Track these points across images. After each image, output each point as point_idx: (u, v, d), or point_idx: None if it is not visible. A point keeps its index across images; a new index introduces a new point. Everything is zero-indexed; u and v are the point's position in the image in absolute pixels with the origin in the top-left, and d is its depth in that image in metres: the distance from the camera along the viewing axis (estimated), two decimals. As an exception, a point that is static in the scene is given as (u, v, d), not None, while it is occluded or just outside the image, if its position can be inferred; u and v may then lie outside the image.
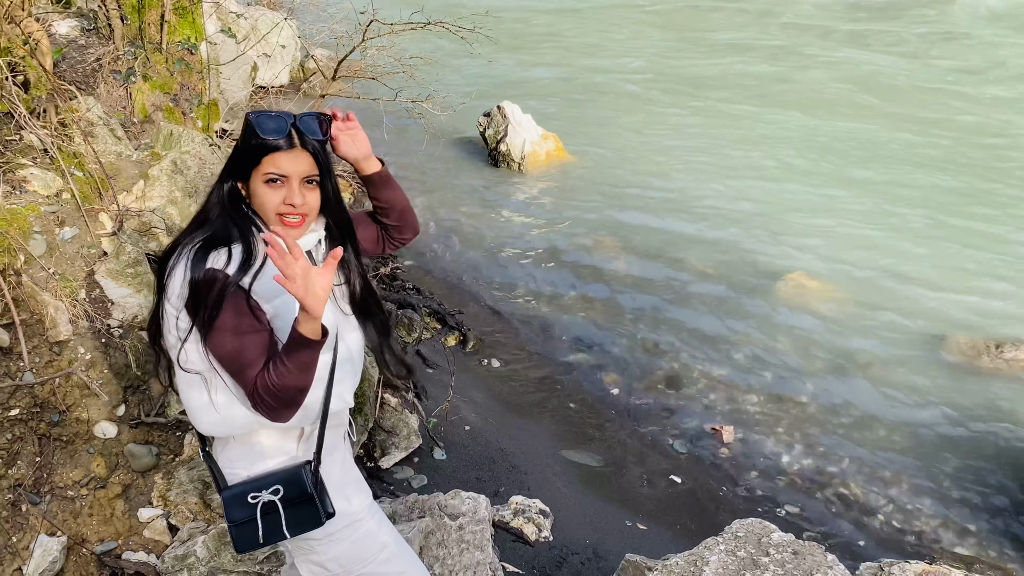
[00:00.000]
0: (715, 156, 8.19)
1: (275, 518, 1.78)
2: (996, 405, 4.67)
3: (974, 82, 10.10)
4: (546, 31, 13.08)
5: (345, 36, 4.36)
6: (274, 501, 1.78)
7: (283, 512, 1.79)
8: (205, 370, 1.76)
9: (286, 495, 1.79)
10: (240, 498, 1.79)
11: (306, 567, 1.94)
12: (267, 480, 1.80)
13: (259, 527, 1.77)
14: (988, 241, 6.43)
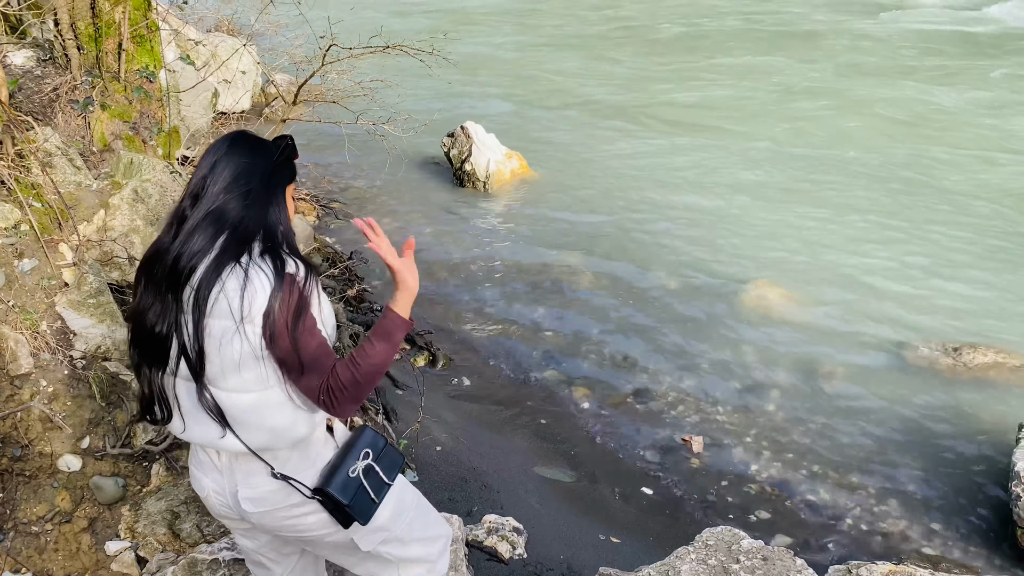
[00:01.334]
0: (676, 171, 8.31)
1: (374, 476, 1.94)
2: (957, 407, 4.77)
3: (924, 91, 10.37)
4: (506, 52, 13.20)
5: (305, 61, 4.38)
6: (370, 463, 1.93)
7: (378, 467, 1.95)
8: (279, 382, 1.79)
9: (374, 454, 1.96)
10: (342, 481, 1.89)
11: (368, 539, 2.02)
12: (348, 459, 1.92)
13: (368, 490, 1.91)
14: (945, 248, 6.58)
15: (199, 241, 1.75)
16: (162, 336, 1.78)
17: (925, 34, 12.86)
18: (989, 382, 4.96)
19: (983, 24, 13.21)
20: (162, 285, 1.77)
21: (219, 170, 1.80)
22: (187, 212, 1.79)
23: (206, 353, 1.75)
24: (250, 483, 1.88)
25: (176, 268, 1.74)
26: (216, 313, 1.73)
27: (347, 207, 7.67)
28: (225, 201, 1.78)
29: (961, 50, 12.06)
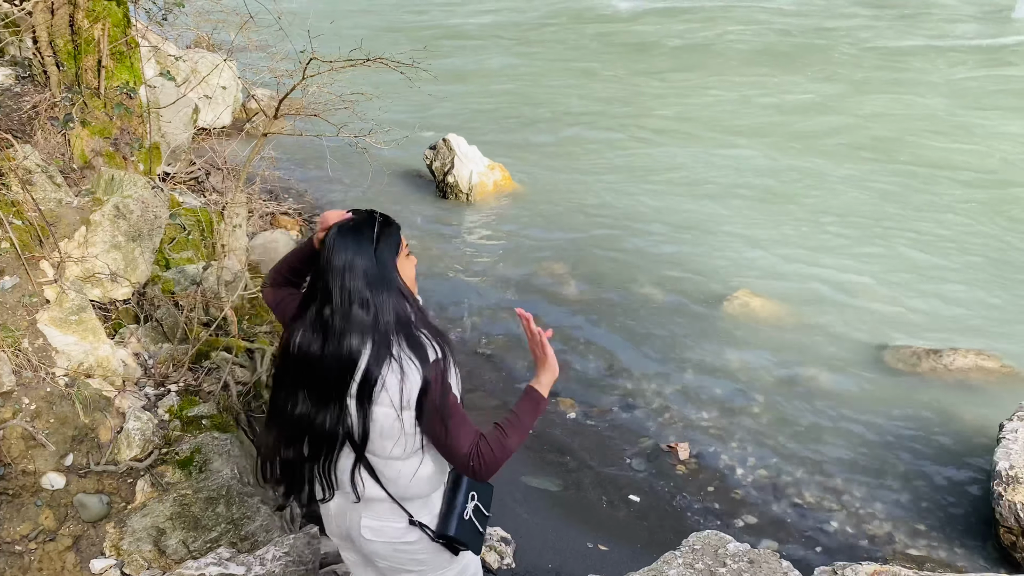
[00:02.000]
0: (659, 182, 8.36)
1: (479, 513, 2.26)
2: (938, 409, 4.82)
3: (903, 99, 10.51)
4: (486, 67, 13.26)
5: (285, 75, 4.39)
6: (476, 504, 2.26)
7: (481, 505, 2.27)
8: (420, 451, 2.08)
9: (478, 495, 2.28)
10: (462, 523, 2.21)
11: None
12: (459, 505, 2.22)
13: (476, 524, 2.24)
14: (923, 255, 6.65)
15: (352, 343, 1.98)
16: (332, 434, 2.04)
17: (919, 48, 13.04)
18: (969, 384, 5.02)
19: (988, 37, 13.42)
20: (327, 392, 2.01)
21: (338, 271, 2.01)
22: (327, 316, 2.00)
23: (370, 436, 2.04)
24: (377, 516, 2.16)
25: (340, 376, 1.99)
26: (380, 402, 2.00)
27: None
28: (353, 306, 1.99)
29: (952, 61, 12.24)
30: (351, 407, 2.00)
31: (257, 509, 3.38)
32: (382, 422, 2.01)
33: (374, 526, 2.16)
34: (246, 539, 3.30)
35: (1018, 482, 3.83)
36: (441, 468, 2.17)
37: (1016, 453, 3.97)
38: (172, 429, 3.44)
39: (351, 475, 2.09)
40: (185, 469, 3.31)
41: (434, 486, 2.17)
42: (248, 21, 5.21)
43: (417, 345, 2.00)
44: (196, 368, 3.82)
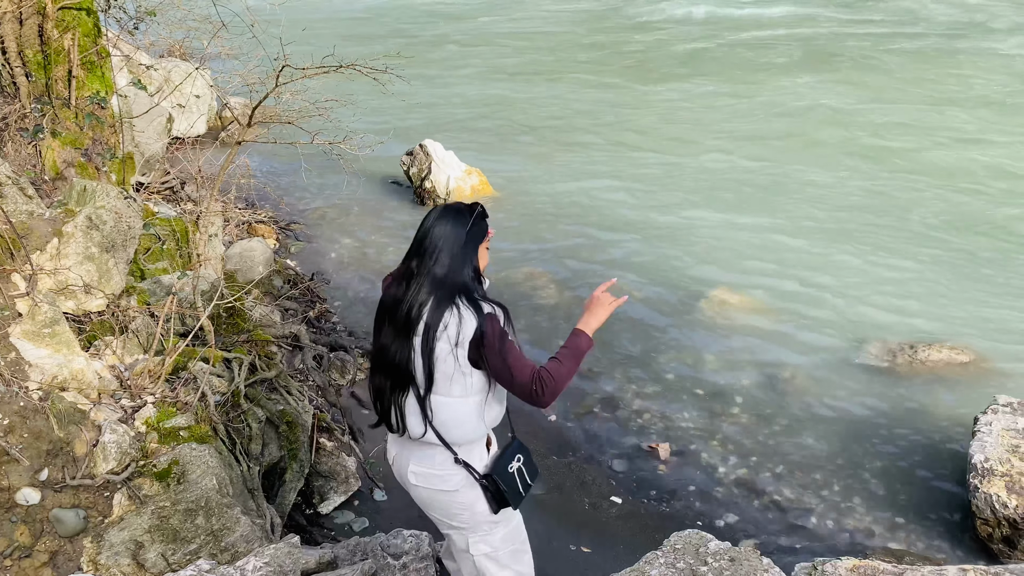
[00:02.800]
0: (635, 186, 8.40)
1: (522, 476, 2.63)
2: (914, 403, 4.87)
3: (876, 106, 10.63)
4: (461, 71, 13.27)
5: (258, 82, 4.37)
6: (521, 466, 2.62)
7: (525, 470, 2.64)
8: (483, 389, 2.50)
9: (523, 460, 2.65)
10: (506, 473, 2.58)
11: (480, 547, 2.65)
12: (506, 457, 2.61)
13: (518, 481, 2.61)
14: (895, 252, 6.73)
15: (423, 294, 2.45)
16: (402, 364, 2.47)
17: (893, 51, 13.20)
18: (944, 378, 5.08)
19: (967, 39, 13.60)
20: (401, 328, 2.46)
21: (433, 238, 2.49)
22: (414, 269, 2.48)
23: (434, 375, 2.44)
24: (421, 462, 2.56)
25: (410, 315, 2.45)
26: (440, 340, 2.41)
27: (307, 228, 7.63)
28: (439, 262, 2.47)
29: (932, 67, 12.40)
30: (416, 345, 2.43)
31: (237, 520, 3.35)
32: (442, 359, 2.42)
33: (419, 471, 2.57)
34: (226, 550, 3.27)
35: (993, 474, 3.88)
36: (489, 417, 2.55)
37: (991, 446, 4.02)
38: (149, 441, 3.41)
39: (417, 412, 2.49)
40: (163, 481, 3.27)
41: (479, 434, 2.55)
42: (220, 29, 5.17)
43: (475, 303, 2.45)
44: (173, 379, 3.78)
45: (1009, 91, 10.67)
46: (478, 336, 2.40)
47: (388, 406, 2.55)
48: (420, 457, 2.57)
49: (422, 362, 2.44)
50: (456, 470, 2.54)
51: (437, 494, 2.59)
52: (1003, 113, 9.86)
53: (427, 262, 2.47)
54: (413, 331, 2.44)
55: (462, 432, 2.52)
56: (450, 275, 2.47)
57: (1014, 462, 3.94)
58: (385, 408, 2.57)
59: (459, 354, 2.42)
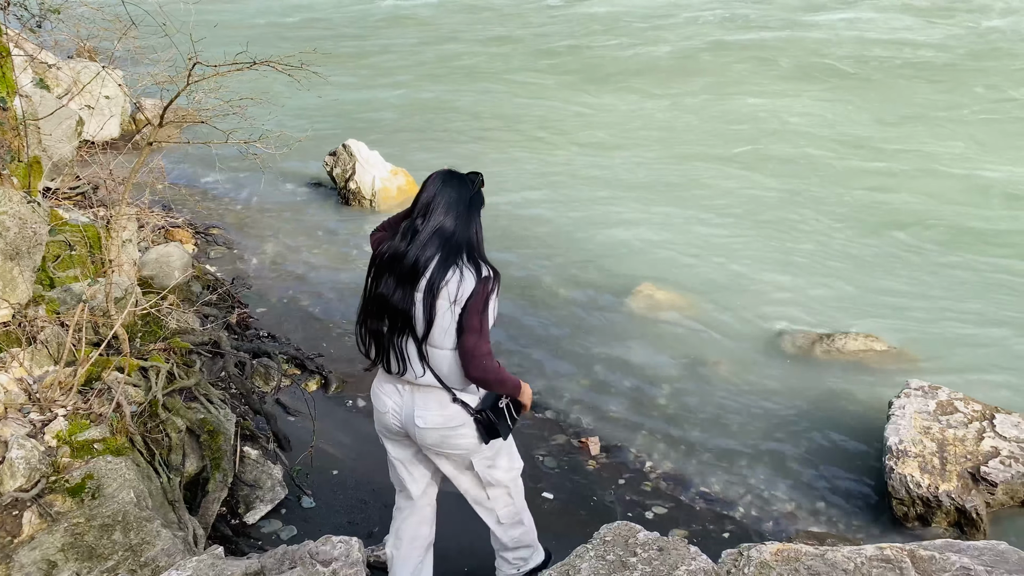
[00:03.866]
0: (560, 182, 8.46)
1: (509, 411, 2.92)
2: (832, 390, 5.03)
3: (801, 103, 10.96)
4: (380, 69, 13.15)
5: (168, 81, 4.22)
6: (508, 402, 2.92)
7: (512, 406, 2.94)
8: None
9: (508, 400, 2.93)
10: (497, 408, 2.88)
11: (481, 462, 3.00)
12: (494, 396, 2.90)
13: (507, 415, 2.91)
14: (811, 246, 6.94)
15: (429, 250, 2.70)
16: (404, 311, 2.72)
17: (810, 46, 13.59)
18: (860, 365, 5.26)
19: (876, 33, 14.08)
20: (404, 278, 2.71)
21: (438, 198, 2.74)
22: (419, 226, 2.72)
23: (433, 322, 2.70)
24: (425, 407, 2.86)
25: (415, 268, 2.69)
26: (441, 296, 2.68)
27: (228, 232, 7.44)
28: (444, 222, 2.72)
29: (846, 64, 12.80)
30: (418, 299, 2.69)
31: (157, 533, 3.24)
32: (440, 314, 2.69)
33: (425, 416, 2.85)
34: (146, 565, 3.15)
35: (907, 455, 4.04)
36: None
37: (904, 428, 4.18)
38: (61, 455, 3.26)
39: (416, 356, 2.77)
40: (76, 496, 3.14)
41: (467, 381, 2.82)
42: (130, 27, 4.99)
43: (476, 264, 2.73)
44: (86, 390, 3.63)
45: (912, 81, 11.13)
46: (472, 295, 2.68)
47: (387, 349, 2.80)
48: (424, 401, 2.86)
49: (423, 314, 2.70)
50: (456, 408, 2.86)
51: (443, 431, 2.88)
52: (915, 115, 10.28)
53: (434, 220, 2.72)
54: (416, 283, 2.70)
55: (456, 379, 2.81)
56: (457, 233, 2.73)
57: (926, 443, 4.10)
58: (383, 350, 2.82)
59: (455, 311, 2.69)
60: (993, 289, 6.16)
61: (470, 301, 2.68)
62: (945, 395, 4.43)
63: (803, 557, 2.64)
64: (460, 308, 2.68)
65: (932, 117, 9.97)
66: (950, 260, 6.64)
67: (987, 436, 4.13)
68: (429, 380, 2.81)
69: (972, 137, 9.23)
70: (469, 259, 2.73)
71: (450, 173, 2.83)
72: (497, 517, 3.22)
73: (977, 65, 11.76)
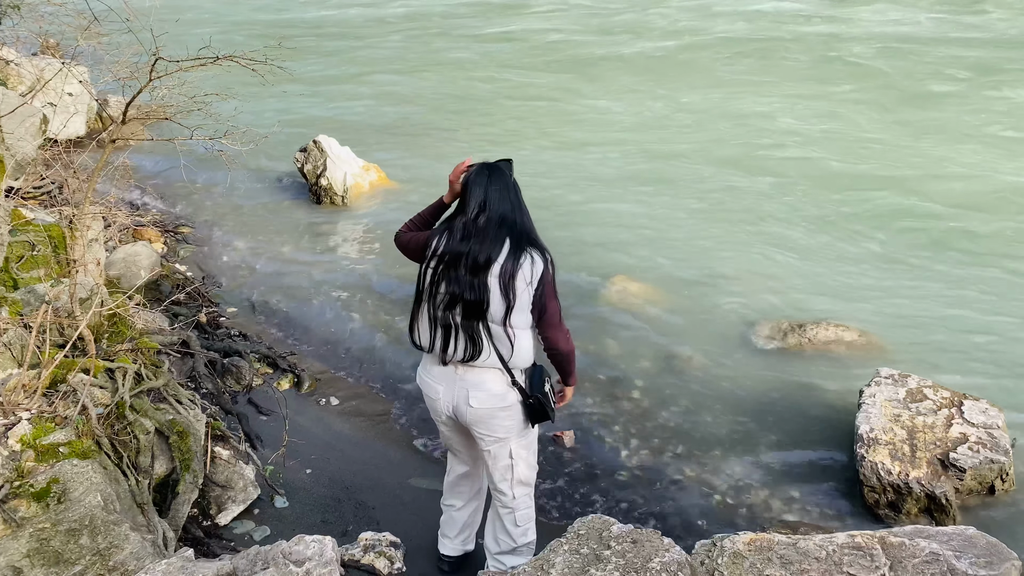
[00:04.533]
0: (535, 176, 8.43)
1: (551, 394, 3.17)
2: (805, 379, 5.06)
3: (770, 88, 11.02)
4: (348, 62, 13.06)
5: (130, 77, 4.15)
6: (551, 385, 3.17)
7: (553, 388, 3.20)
8: (532, 323, 3.03)
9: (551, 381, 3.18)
10: (543, 391, 3.09)
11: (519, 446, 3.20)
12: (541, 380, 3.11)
13: (551, 399, 3.14)
14: (781, 238, 6.98)
15: (498, 242, 2.93)
16: (478, 300, 2.93)
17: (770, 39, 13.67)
18: (831, 355, 5.30)
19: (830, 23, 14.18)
20: (476, 270, 2.92)
21: (491, 193, 2.98)
22: (481, 222, 2.94)
23: (513, 306, 2.93)
24: (480, 387, 3.05)
25: (488, 260, 2.92)
26: (519, 279, 2.92)
27: (198, 230, 7.35)
28: (504, 213, 2.97)
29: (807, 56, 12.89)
30: (493, 285, 2.92)
31: (126, 537, 3.18)
32: (519, 293, 2.92)
33: (480, 396, 3.05)
34: (115, 569, 3.10)
35: (878, 443, 4.07)
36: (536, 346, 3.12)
37: (875, 416, 4.22)
38: (25, 460, 3.19)
39: (487, 339, 2.98)
40: (41, 501, 3.07)
41: (531, 359, 3.08)
42: (92, 23, 4.89)
43: (540, 247, 3.00)
44: (51, 393, 3.56)
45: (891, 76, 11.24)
46: (543, 276, 2.95)
47: (456, 336, 2.99)
48: (478, 383, 3.05)
49: (501, 299, 2.91)
50: (511, 390, 3.07)
51: (494, 411, 3.07)
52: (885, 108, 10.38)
53: (493, 215, 2.95)
54: (488, 273, 2.91)
55: (526, 357, 3.06)
56: (518, 222, 2.99)
57: (896, 431, 4.14)
58: (451, 339, 3.01)
59: (531, 292, 2.94)
60: (963, 281, 6.24)
61: (543, 281, 2.95)
62: (915, 383, 4.48)
63: (775, 546, 2.66)
64: (534, 289, 2.93)
65: (918, 115, 10.09)
66: (922, 254, 6.68)
67: (956, 423, 4.19)
68: (493, 362, 3.02)
69: (973, 137, 9.33)
70: (532, 244, 2.98)
71: (489, 166, 3.07)
72: (515, 519, 3.37)
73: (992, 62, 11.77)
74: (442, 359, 3.08)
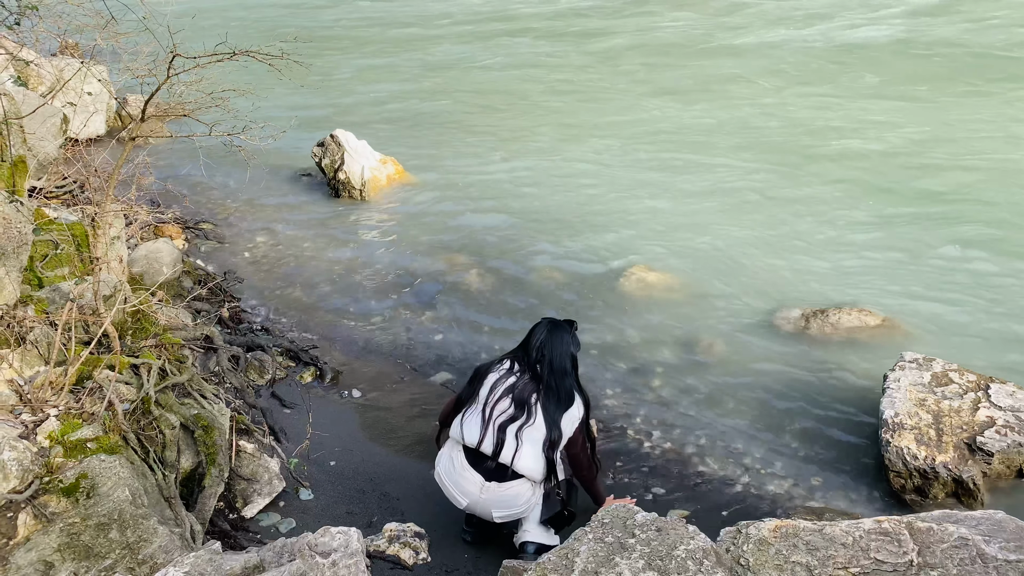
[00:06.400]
0: (550, 169, 8.42)
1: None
2: (828, 365, 5.02)
3: (789, 75, 10.91)
4: (364, 58, 13.07)
5: (148, 75, 4.18)
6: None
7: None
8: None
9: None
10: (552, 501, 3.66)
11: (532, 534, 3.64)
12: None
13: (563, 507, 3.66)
14: (801, 224, 6.91)
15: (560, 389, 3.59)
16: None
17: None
18: (855, 340, 5.25)
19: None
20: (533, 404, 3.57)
21: (551, 349, 3.67)
22: (539, 373, 3.62)
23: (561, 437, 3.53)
24: (502, 508, 3.55)
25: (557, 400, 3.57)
26: (567, 419, 3.53)
27: (219, 226, 7.40)
28: (563, 368, 3.65)
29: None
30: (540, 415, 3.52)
31: (154, 530, 3.22)
32: (565, 430, 3.52)
33: (501, 515, 3.55)
34: (144, 563, 3.14)
35: (903, 428, 4.04)
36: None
37: (900, 401, 4.18)
38: (54, 456, 3.24)
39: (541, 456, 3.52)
40: (71, 496, 3.12)
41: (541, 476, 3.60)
42: (110, 22, 4.92)
43: (583, 396, 3.65)
44: (77, 389, 3.61)
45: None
46: (582, 422, 3.59)
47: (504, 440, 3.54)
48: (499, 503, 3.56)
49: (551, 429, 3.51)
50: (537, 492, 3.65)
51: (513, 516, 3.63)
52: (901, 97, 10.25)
53: (553, 365, 3.60)
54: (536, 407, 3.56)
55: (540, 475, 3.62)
56: (568, 375, 3.62)
57: (921, 415, 4.10)
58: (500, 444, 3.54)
59: (571, 430, 3.54)
60: (988, 266, 6.14)
61: (577, 430, 3.57)
62: (940, 366, 4.43)
63: (801, 533, 2.64)
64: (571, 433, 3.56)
65: (939, 101, 9.95)
66: (946, 236, 6.58)
67: (983, 406, 4.14)
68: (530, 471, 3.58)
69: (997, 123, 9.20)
70: (580, 393, 3.66)
71: (554, 323, 3.76)
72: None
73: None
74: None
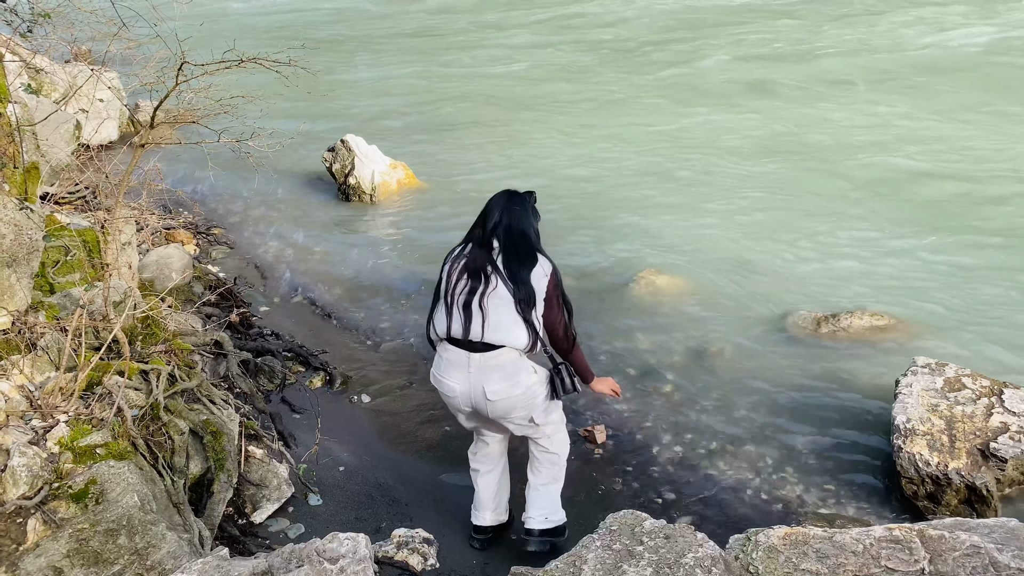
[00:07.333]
0: (557, 171, 8.41)
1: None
2: (839, 370, 4.99)
3: (803, 76, 10.88)
4: (375, 64, 13.11)
5: (156, 83, 4.19)
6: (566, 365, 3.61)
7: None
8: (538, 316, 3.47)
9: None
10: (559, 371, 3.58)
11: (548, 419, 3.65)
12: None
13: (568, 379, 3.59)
14: (811, 227, 6.88)
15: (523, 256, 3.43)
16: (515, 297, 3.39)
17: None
18: (866, 344, 5.21)
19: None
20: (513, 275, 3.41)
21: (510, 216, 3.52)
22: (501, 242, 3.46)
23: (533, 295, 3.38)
24: (494, 380, 3.40)
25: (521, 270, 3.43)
26: (535, 276, 3.39)
27: (230, 232, 7.42)
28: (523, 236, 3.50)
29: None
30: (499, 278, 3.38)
31: (163, 536, 3.23)
32: (536, 285, 3.37)
33: (494, 389, 3.41)
34: (153, 568, 3.15)
35: (915, 434, 4.00)
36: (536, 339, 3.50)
37: (912, 406, 4.14)
38: (63, 461, 3.25)
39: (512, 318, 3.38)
40: (80, 502, 3.13)
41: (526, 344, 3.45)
42: (121, 29, 4.96)
43: (546, 256, 3.50)
44: (87, 395, 3.62)
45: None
46: (552, 276, 3.44)
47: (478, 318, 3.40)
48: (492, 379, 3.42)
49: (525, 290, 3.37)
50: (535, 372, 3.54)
51: (513, 401, 3.47)
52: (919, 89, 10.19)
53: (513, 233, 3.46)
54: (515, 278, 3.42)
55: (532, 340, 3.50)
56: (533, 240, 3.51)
57: (934, 420, 4.07)
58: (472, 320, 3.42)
59: (545, 283, 3.40)
60: (1003, 271, 6.09)
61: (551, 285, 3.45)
62: (952, 372, 4.39)
63: (811, 540, 2.62)
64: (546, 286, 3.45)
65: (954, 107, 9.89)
66: (959, 244, 6.52)
67: (996, 412, 4.10)
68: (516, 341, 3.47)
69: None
70: (544, 255, 3.52)
71: (511, 193, 3.64)
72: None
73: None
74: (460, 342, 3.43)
